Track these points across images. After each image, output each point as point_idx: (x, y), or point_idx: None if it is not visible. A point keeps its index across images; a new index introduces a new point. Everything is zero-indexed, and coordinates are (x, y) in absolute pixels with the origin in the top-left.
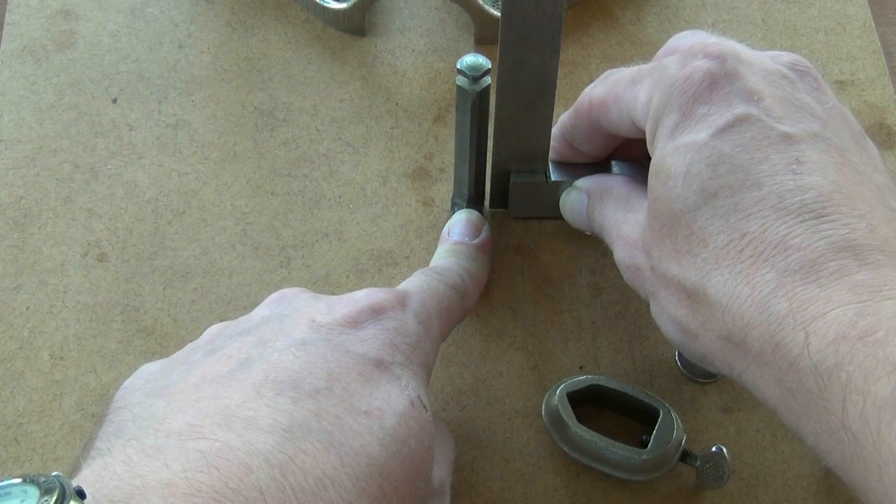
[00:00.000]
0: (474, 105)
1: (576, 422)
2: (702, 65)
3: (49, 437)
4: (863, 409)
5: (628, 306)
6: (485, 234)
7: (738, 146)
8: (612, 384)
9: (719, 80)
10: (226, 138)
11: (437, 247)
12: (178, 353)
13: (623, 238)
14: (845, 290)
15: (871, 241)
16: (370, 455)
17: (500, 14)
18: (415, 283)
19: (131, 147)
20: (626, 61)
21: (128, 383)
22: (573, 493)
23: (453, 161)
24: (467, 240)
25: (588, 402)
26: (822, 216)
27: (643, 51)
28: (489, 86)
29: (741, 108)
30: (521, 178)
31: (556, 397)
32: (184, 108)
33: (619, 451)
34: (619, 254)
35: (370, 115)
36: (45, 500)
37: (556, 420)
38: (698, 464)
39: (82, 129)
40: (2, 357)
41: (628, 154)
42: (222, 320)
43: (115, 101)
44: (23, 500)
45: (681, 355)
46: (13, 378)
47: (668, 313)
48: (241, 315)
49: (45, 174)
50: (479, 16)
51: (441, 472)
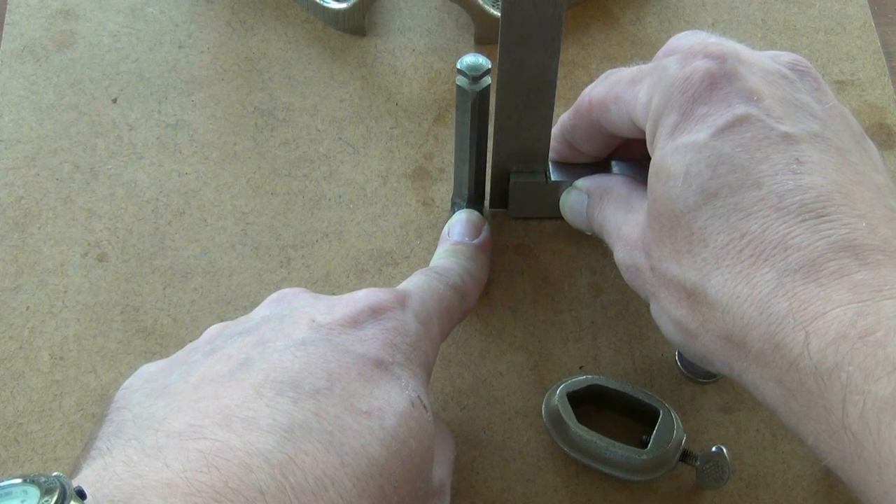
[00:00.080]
0: (474, 105)
1: (576, 422)
2: (702, 65)
3: (49, 437)
4: (863, 409)
5: (628, 306)
6: (485, 234)
7: (738, 146)
8: (612, 384)
9: (719, 81)
10: (226, 138)
11: (437, 247)
12: (178, 354)
13: (623, 238)
14: (845, 290)
15: (871, 240)
16: (370, 455)
17: (500, 14)
18: (415, 283)
19: (131, 147)
20: (626, 61)
21: (128, 383)
22: (573, 493)
23: (453, 161)
24: (467, 240)
25: (588, 402)
26: (822, 216)
27: (643, 51)
28: (489, 86)
29: (741, 108)
30: (521, 179)
31: (556, 397)
32: (184, 108)
33: (619, 451)
34: (620, 254)
35: (370, 115)
36: (46, 501)
37: (556, 420)
38: (698, 464)
39: (82, 129)
40: (2, 357)
41: (628, 154)
42: (222, 320)
43: (115, 101)
44: (23, 501)
45: (681, 355)
46: (13, 378)
47: (669, 313)
48: (241, 315)
49: (45, 174)
50: (479, 16)
51: (441, 472)
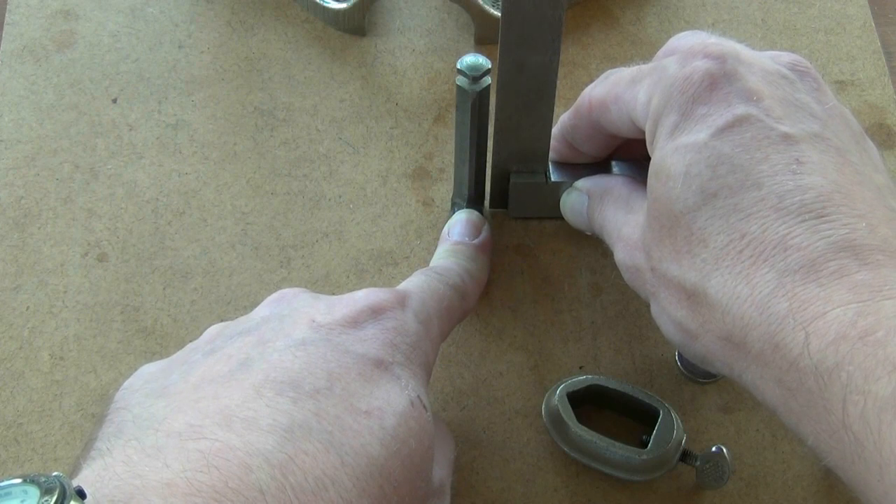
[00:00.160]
0: (474, 105)
1: (576, 422)
2: (701, 65)
3: (49, 437)
4: (863, 409)
5: (628, 306)
6: (485, 234)
7: (738, 146)
8: (612, 384)
9: (719, 81)
10: (226, 138)
11: (437, 247)
12: (178, 354)
13: (623, 239)
14: (845, 290)
15: (871, 241)
16: (370, 455)
17: (500, 14)
18: (415, 283)
19: (131, 147)
20: (626, 61)
21: (128, 384)
22: (573, 493)
23: (453, 161)
24: (467, 240)
25: (588, 402)
26: (822, 216)
27: (643, 51)
28: (489, 86)
29: (741, 109)
30: (521, 179)
31: (556, 397)
32: (184, 108)
33: (619, 451)
34: (620, 254)
35: (370, 115)
36: (46, 500)
37: (556, 420)
38: (698, 464)
39: (82, 129)
40: (2, 357)
41: (628, 154)
42: (222, 320)
43: (115, 101)
44: (23, 500)
45: (681, 355)
46: (13, 378)
47: (669, 314)
48: (241, 315)
49: (45, 174)
50: (479, 16)
51: (441, 472)
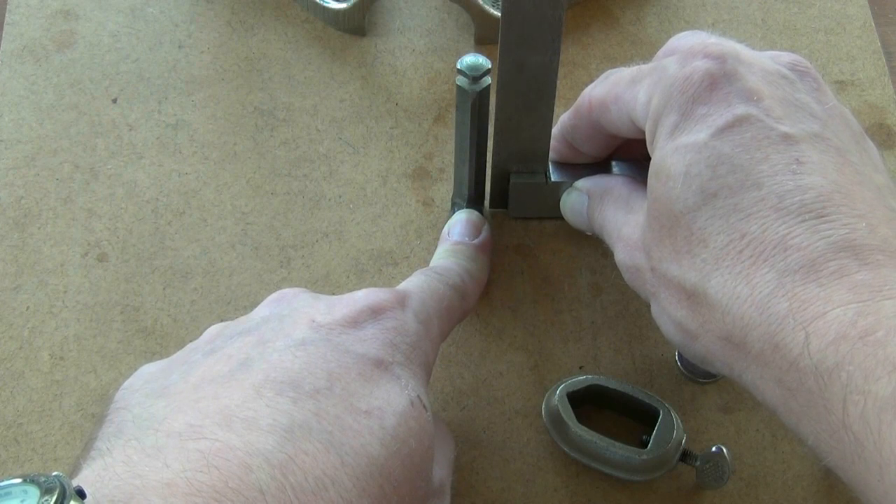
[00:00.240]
0: (474, 105)
1: (576, 422)
2: (701, 65)
3: (49, 437)
4: (863, 409)
5: (628, 306)
6: (485, 234)
7: (738, 146)
8: (612, 384)
9: (719, 81)
10: (226, 138)
11: (437, 247)
12: (178, 354)
13: (623, 239)
14: (845, 290)
15: (871, 241)
16: (370, 455)
17: (500, 14)
18: (415, 283)
19: (131, 147)
20: (626, 61)
21: (128, 384)
22: (573, 493)
23: (453, 161)
24: (467, 240)
25: (588, 402)
26: (822, 216)
27: (643, 51)
28: (489, 86)
29: (741, 109)
30: (521, 179)
31: (556, 397)
32: (184, 108)
33: (619, 451)
34: (620, 255)
35: (370, 115)
36: (46, 500)
37: (556, 420)
38: (698, 464)
39: (82, 129)
40: (2, 357)
41: (628, 154)
42: (222, 320)
43: (115, 101)
44: (23, 500)
45: (681, 355)
46: (13, 378)
47: (669, 314)
48: (241, 315)
49: (45, 174)
50: (479, 16)
51: (441, 472)
